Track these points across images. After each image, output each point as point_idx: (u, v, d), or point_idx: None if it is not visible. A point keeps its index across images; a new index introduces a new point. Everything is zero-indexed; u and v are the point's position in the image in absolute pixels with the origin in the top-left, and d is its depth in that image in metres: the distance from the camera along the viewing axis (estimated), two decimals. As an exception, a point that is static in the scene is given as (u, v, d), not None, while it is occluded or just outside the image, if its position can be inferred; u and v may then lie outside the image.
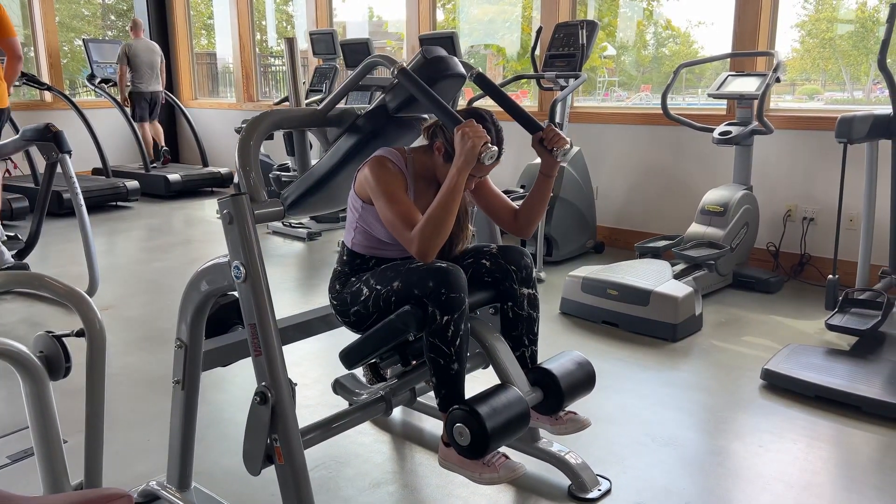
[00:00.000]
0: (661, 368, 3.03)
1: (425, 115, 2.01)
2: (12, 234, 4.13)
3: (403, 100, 1.83)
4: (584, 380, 1.97)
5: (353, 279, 1.93)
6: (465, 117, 1.77)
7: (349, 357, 1.93)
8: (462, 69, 1.86)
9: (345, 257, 1.96)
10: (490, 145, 1.71)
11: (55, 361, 1.66)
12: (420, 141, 1.98)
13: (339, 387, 2.16)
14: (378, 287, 1.83)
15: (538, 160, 4.80)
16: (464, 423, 1.70)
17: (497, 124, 1.88)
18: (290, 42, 2.21)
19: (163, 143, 7.81)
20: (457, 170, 1.72)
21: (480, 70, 2.02)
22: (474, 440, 1.69)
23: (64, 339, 1.66)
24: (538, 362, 2.00)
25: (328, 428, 1.89)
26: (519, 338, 1.98)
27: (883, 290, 3.22)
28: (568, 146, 1.87)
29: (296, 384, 1.71)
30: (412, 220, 1.76)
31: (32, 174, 6.38)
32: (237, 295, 1.73)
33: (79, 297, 1.65)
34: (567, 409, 2.00)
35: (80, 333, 1.66)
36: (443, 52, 1.86)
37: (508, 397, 1.76)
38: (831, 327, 3.04)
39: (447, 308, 1.71)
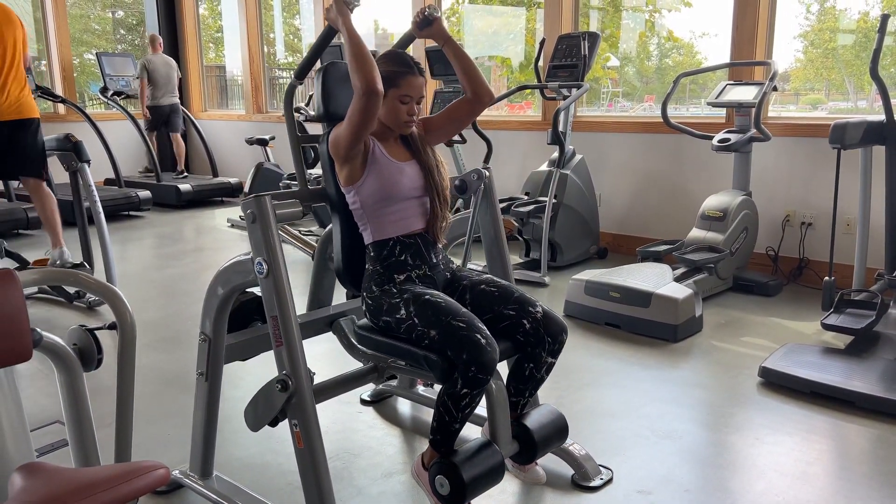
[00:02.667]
0: (662, 367, 3.13)
1: None
2: (79, 261, 4.26)
3: (321, 94, 2.05)
4: (555, 434, 2.07)
5: (395, 290, 1.96)
6: (387, 56, 1.99)
7: (363, 342, 2.02)
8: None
9: (371, 254, 2.02)
10: None
11: (88, 353, 1.76)
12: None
13: (337, 329, 2.23)
14: (416, 319, 1.87)
15: (542, 167, 4.94)
16: (446, 477, 1.83)
17: (415, 60, 2.02)
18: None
19: (181, 166, 7.93)
20: (341, 23, 1.88)
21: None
22: (452, 493, 1.83)
23: (96, 332, 1.77)
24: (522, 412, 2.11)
25: (324, 393, 2.01)
26: (522, 391, 2.05)
27: (878, 291, 3.31)
28: (430, 4, 2.00)
29: (314, 373, 1.82)
30: None
31: (48, 184, 6.51)
32: (258, 291, 1.84)
33: (111, 291, 1.76)
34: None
35: (112, 326, 1.77)
36: None
37: (490, 456, 1.88)
38: (827, 327, 3.14)
39: (471, 384, 1.78)
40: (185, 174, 7.95)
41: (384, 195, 1.98)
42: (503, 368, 2.04)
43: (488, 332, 1.81)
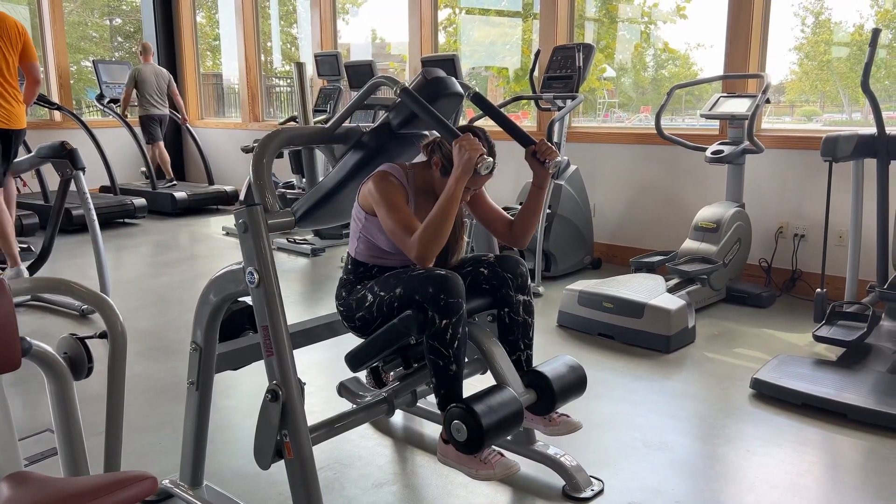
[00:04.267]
0: (655, 378, 3.13)
1: (425, 132, 2.14)
2: (25, 245, 4.26)
3: (405, 117, 1.97)
4: (575, 383, 2.07)
5: (359, 287, 2.04)
6: (461, 133, 1.89)
7: (354, 359, 2.04)
8: (460, 88, 1.99)
9: (349, 266, 2.08)
10: (486, 157, 1.83)
11: (78, 362, 1.76)
12: (420, 158, 2.11)
13: (343, 390, 2.27)
14: (381, 293, 1.94)
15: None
16: (461, 420, 1.81)
17: (490, 140, 1.99)
18: (300, 66, 2.36)
19: (170, 174, 7.91)
20: (455, 179, 1.85)
21: (478, 90, 2.15)
22: (471, 436, 1.80)
23: (87, 340, 1.77)
24: (533, 366, 2.11)
25: (333, 427, 2.00)
26: (515, 342, 2.08)
27: (870, 303, 3.32)
28: (559, 159, 1.98)
29: (304, 383, 1.82)
30: (412, 227, 1.88)
31: (42, 191, 6.53)
32: (249, 301, 1.84)
33: (102, 300, 1.76)
34: (560, 411, 2.11)
35: (102, 335, 1.76)
36: (442, 73, 1.99)
37: (503, 397, 1.87)
38: (819, 338, 3.15)
39: (446, 312, 1.82)
40: (174, 182, 7.92)
41: (388, 244, 2.01)
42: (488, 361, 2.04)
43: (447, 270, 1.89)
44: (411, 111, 1.91)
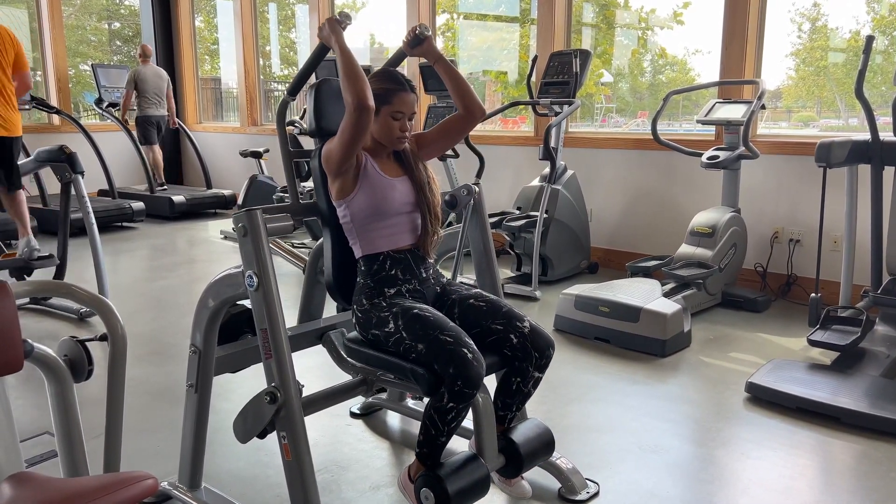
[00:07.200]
0: (650, 382, 3.15)
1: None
2: (47, 253, 4.28)
3: (313, 110, 2.09)
4: (542, 448, 2.09)
5: (384, 304, 1.98)
6: (378, 74, 2.07)
7: (352, 354, 2.04)
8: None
9: (362, 268, 2.05)
10: (336, 13, 1.99)
11: (78, 364, 1.77)
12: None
13: (326, 342, 2.24)
14: (404, 333, 1.89)
15: (533, 183, 4.97)
16: (431, 490, 1.84)
17: (403, 75, 2.10)
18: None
19: (162, 177, 7.89)
20: (333, 41, 1.97)
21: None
22: None
23: (87, 343, 1.78)
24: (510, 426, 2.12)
25: (313, 406, 2.02)
26: (510, 406, 2.07)
27: (864, 308, 3.35)
28: (424, 24, 2.09)
29: (303, 385, 1.83)
30: None
31: (41, 196, 6.53)
32: (248, 304, 1.86)
33: (103, 303, 1.78)
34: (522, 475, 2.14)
35: (103, 338, 1.78)
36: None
37: (475, 470, 1.89)
38: (813, 343, 3.17)
39: (457, 398, 1.80)
40: (165, 186, 7.92)
41: (374, 210, 2.00)
42: (490, 382, 2.06)
43: (475, 347, 1.83)
44: (314, 105, 2.08)
